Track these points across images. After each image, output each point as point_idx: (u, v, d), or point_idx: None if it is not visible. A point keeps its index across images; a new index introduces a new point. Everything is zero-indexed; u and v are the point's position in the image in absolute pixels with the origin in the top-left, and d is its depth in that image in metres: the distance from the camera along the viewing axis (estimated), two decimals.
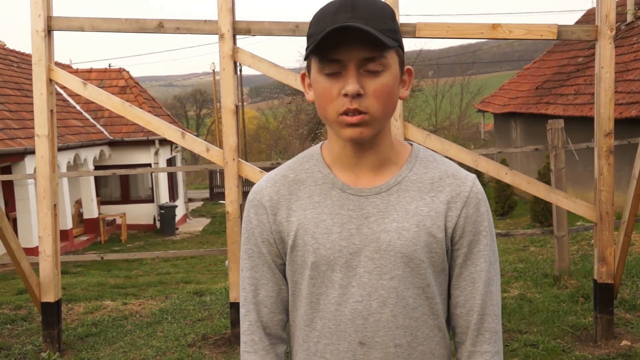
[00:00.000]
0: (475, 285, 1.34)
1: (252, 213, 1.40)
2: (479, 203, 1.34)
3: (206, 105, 51.82)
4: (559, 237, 6.30)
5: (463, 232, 1.32)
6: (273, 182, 1.39)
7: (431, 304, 1.33)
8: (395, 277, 1.29)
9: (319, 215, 1.33)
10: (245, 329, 1.41)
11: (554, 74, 15.71)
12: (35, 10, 4.61)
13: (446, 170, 1.35)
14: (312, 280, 1.33)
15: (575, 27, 4.49)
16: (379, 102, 1.23)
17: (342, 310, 1.31)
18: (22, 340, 5.29)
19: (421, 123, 30.32)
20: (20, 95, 15.80)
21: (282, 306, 1.41)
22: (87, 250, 14.92)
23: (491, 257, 1.35)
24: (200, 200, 26.27)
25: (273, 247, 1.38)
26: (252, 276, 1.40)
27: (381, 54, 1.22)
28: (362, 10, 1.21)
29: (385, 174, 1.34)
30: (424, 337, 1.33)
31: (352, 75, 1.21)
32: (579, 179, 12.14)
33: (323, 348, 1.34)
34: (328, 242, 1.31)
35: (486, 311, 1.34)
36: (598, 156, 4.43)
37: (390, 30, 1.23)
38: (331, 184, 1.34)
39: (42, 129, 4.68)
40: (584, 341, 4.66)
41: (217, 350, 4.83)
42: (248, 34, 4.66)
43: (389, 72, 1.24)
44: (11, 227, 4.89)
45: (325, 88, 1.24)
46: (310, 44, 1.24)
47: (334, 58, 1.22)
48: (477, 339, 1.35)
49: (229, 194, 4.67)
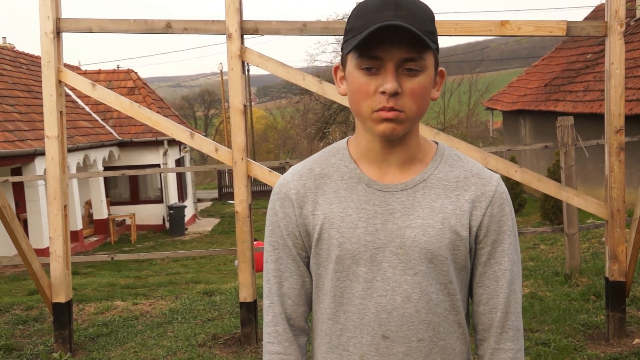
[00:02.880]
0: (499, 284, 1.35)
1: (278, 206, 1.40)
2: (504, 203, 1.35)
3: (214, 105, 51.91)
4: (570, 234, 6.27)
5: (487, 231, 1.34)
6: (299, 175, 1.40)
7: (453, 300, 1.34)
8: (419, 273, 1.31)
9: (345, 209, 1.34)
10: (269, 320, 1.42)
11: (563, 71, 15.61)
12: (44, 12, 4.62)
13: (471, 170, 1.36)
14: (337, 274, 1.34)
15: (585, 23, 4.46)
16: (414, 102, 1.25)
17: (366, 304, 1.32)
18: (34, 340, 5.32)
19: (429, 121, 30.27)
20: (30, 97, 15.89)
21: (306, 298, 1.43)
22: (97, 251, 14.99)
23: (514, 256, 1.37)
24: (209, 200, 26.37)
25: (298, 239, 1.39)
26: (277, 268, 1.42)
27: (420, 55, 1.23)
28: (406, 10, 1.21)
29: (412, 171, 1.35)
30: (445, 332, 1.34)
31: (391, 74, 1.22)
32: (589, 176, 12.07)
33: (346, 341, 1.35)
34: (353, 236, 1.32)
35: (510, 309, 1.36)
36: (609, 153, 4.40)
37: (430, 32, 1.24)
38: (357, 178, 1.35)
39: (51, 130, 4.70)
40: (595, 339, 4.63)
41: (228, 350, 4.83)
42: (256, 34, 4.66)
43: (426, 73, 1.25)
44: (22, 228, 4.91)
45: (362, 84, 1.25)
46: (349, 38, 1.25)
47: (374, 55, 1.22)
48: (500, 336, 1.36)
49: (238, 193, 4.67)
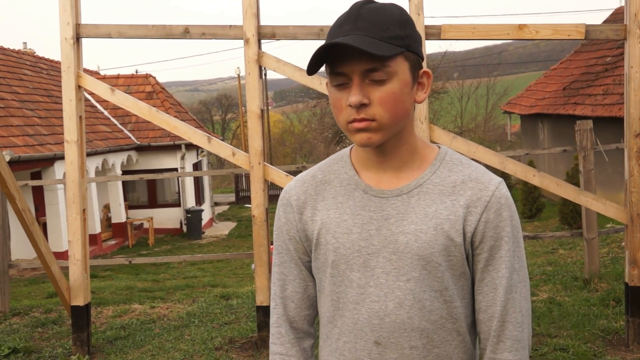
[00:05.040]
0: (497, 292, 1.31)
1: (282, 211, 1.45)
2: (501, 208, 1.31)
3: (231, 109, 52.10)
4: (589, 239, 6.21)
5: (483, 237, 1.30)
6: (302, 182, 1.44)
7: (449, 307, 1.32)
8: (411, 279, 1.30)
9: (341, 215, 1.36)
10: (274, 321, 1.47)
11: (581, 74, 15.47)
12: (64, 18, 4.68)
13: (470, 174, 1.34)
14: (333, 278, 1.36)
15: (604, 26, 4.43)
16: (385, 109, 1.25)
17: (360, 310, 1.33)
18: (53, 343, 5.37)
19: (446, 125, 30.14)
20: (49, 101, 16.08)
21: (309, 302, 1.46)
22: (115, 254, 15.10)
23: (515, 263, 1.32)
24: (226, 204, 26.50)
25: (299, 244, 1.42)
26: (281, 272, 1.46)
27: (383, 64, 1.23)
28: (364, 20, 1.23)
29: (408, 177, 1.35)
30: (440, 340, 1.32)
31: (356, 86, 1.24)
32: (608, 180, 11.94)
33: (342, 345, 1.37)
34: (348, 241, 1.33)
35: (507, 318, 1.31)
36: (628, 157, 4.36)
37: (395, 37, 1.23)
38: (355, 185, 1.37)
39: (71, 134, 4.75)
40: (615, 345, 4.58)
41: (244, 354, 4.84)
42: (273, 38, 4.68)
43: (395, 79, 1.25)
44: (41, 232, 4.97)
45: (335, 99, 1.29)
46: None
47: (339, 71, 1.25)
48: (497, 346, 1.32)
49: (255, 197, 4.69)
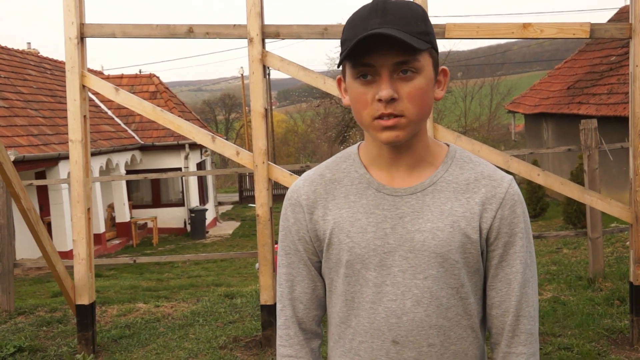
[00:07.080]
0: (511, 287, 1.33)
1: (289, 211, 1.42)
2: (515, 204, 1.33)
3: (235, 109, 52.16)
4: (593, 238, 6.20)
5: (498, 233, 1.32)
6: (310, 181, 1.41)
7: (465, 304, 1.33)
8: (429, 277, 1.30)
9: (355, 214, 1.34)
10: (281, 323, 1.45)
11: (586, 74, 15.43)
12: (68, 18, 4.69)
13: (482, 172, 1.35)
14: (347, 278, 1.35)
15: (609, 25, 4.41)
16: (413, 105, 1.24)
17: (376, 309, 1.32)
18: (58, 342, 5.39)
19: (450, 124, 30.13)
20: (53, 101, 16.11)
21: (318, 302, 1.44)
22: (120, 254, 15.12)
23: (527, 258, 1.34)
24: (230, 203, 26.50)
25: (309, 245, 1.40)
26: (289, 272, 1.43)
27: (413, 57, 1.22)
28: (393, 14, 1.21)
29: (421, 175, 1.34)
30: (456, 337, 1.33)
31: (385, 81, 1.22)
32: (613, 179, 11.91)
33: (357, 345, 1.35)
34: (363, 241, 1.32)
35: (521, 312, 1.34)
36: (633, 156, 4.35)
37: (422, 32, 1.23)
38: (367, 183, 1.36)
39: (75, 134, 4.75)
40: (620, 345, 4.57)
41: (249, 353, 4.85)
42: (277, 38, 4.68)
43: (422, 74, 1.25)
44: (46, 231, 4.98)
45: (359, 93, 1.26)
46: (343, 50, 1.26)
47: (367, 62, 1.23)
48: (512, 340, 1.34)
49: (259, 196, 4.69)
